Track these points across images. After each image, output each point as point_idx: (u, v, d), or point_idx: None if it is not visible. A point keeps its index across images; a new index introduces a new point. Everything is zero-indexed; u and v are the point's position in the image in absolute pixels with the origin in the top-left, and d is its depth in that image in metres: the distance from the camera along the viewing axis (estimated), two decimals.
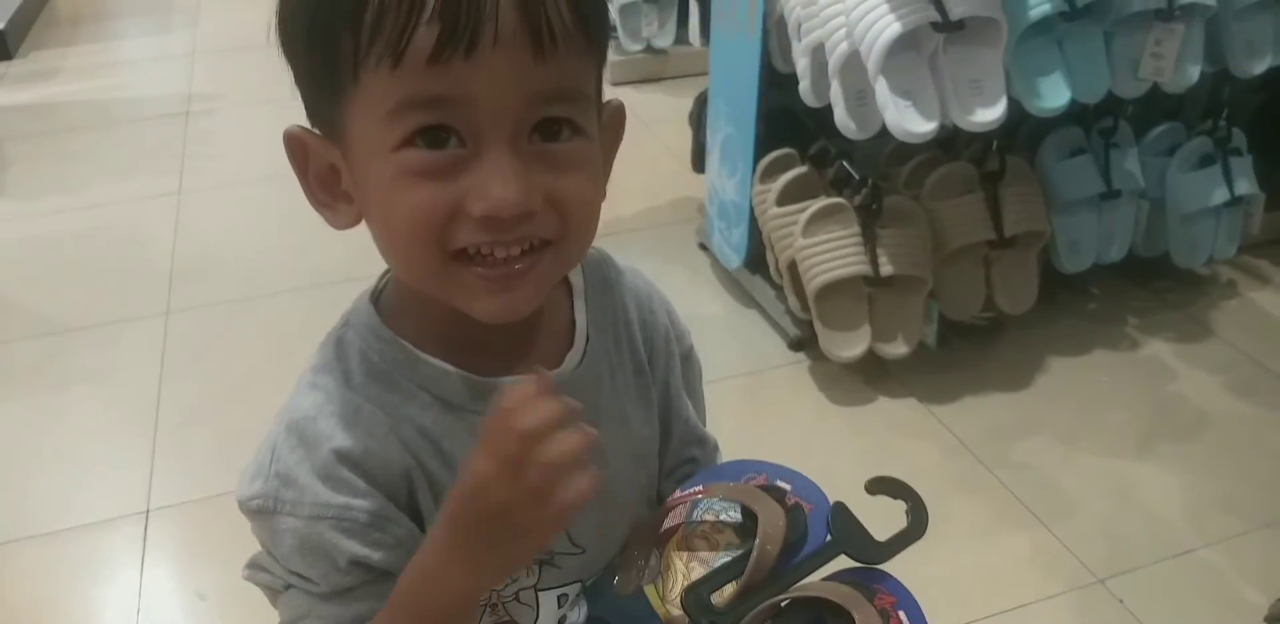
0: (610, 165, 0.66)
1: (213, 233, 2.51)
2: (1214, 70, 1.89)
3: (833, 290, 1.83)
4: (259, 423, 0.69)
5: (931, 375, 1.92)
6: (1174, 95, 1.91)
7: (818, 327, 1.87)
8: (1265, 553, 1.55)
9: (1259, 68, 1.87)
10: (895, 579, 0.70)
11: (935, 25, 1.62)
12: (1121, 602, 1.47)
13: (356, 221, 0.62)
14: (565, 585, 0.74)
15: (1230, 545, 1.56)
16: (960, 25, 1.62)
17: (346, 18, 0.54)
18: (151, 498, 1.68)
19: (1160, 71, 1.80)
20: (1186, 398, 1.88)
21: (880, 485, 0.73)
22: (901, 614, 0.67)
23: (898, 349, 1.86)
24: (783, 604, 0.68)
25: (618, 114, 0.66)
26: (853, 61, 1.67)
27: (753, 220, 2.04)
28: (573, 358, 0.70)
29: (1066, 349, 2.00)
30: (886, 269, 1.81)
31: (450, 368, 0.65)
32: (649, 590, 0.71)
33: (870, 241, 1.81)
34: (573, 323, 0.72)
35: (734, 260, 2.16)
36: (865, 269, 1.81)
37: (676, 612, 0.69)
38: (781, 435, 1.81)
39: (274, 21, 0.59)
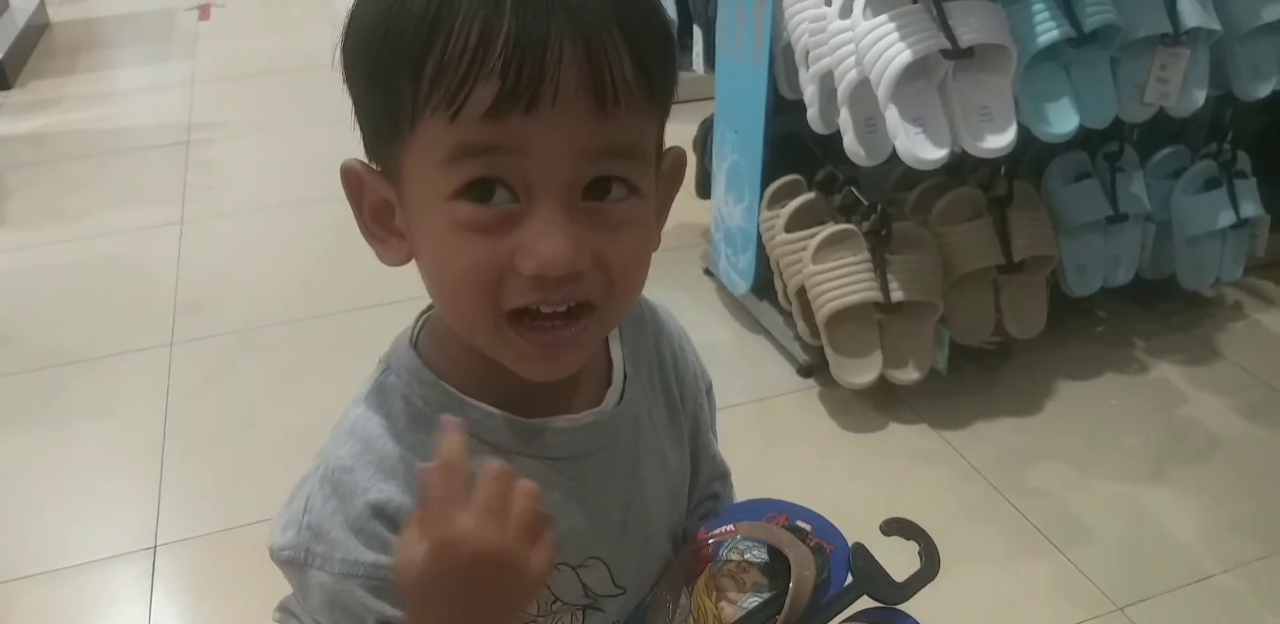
0: (666, 214, 0.65)
1: (216, 263, 2.50)
2: (1218, 94, 1.90)
3: (843, 316, 1.83)
4: (266, 456, 0.68)
5: (942, 401, 1.91)
6: (1178, 119, 1.92)
7: (829, 353, 1.86)
8: None
9: (1263, 91, 1.88)
10: (914, 620, 0.71)
11: (945, 53, 1.62)
12: None
13: (408, 260, 0.61)
14: None
15: (1248, 571, 1.55)
16: (970, 52, 1.62)
17: (407, 67, 0.53)
18: (159, 533, 1.66)
19: (1166, 96, 1.81)
20: (1197, 421, 1.88)
21: (893, 527, 0.75)
22: None
23: (909, 375, 1.85)
24: None
25: (678, 162, 0.65)
26: (862, 89, 1.67)
27: (760, 246, 2.04)
28: (612, 396, 0.70)
29: (1076, 373, 1.99)
30: (897, 295, 1.80)
31: (495, 411, 0.64)
32: None
33: (880, 267, 1.81)
34: (610, 361, 0.71)
35: (741, 286, 2.16)
36: (876, 295, 1.80)
37: None
38: (793, 462, 1.80)
39: (338, 49, 0.58)
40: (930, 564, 0.71)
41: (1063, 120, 1.75)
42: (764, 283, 2.09)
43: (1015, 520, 1.65)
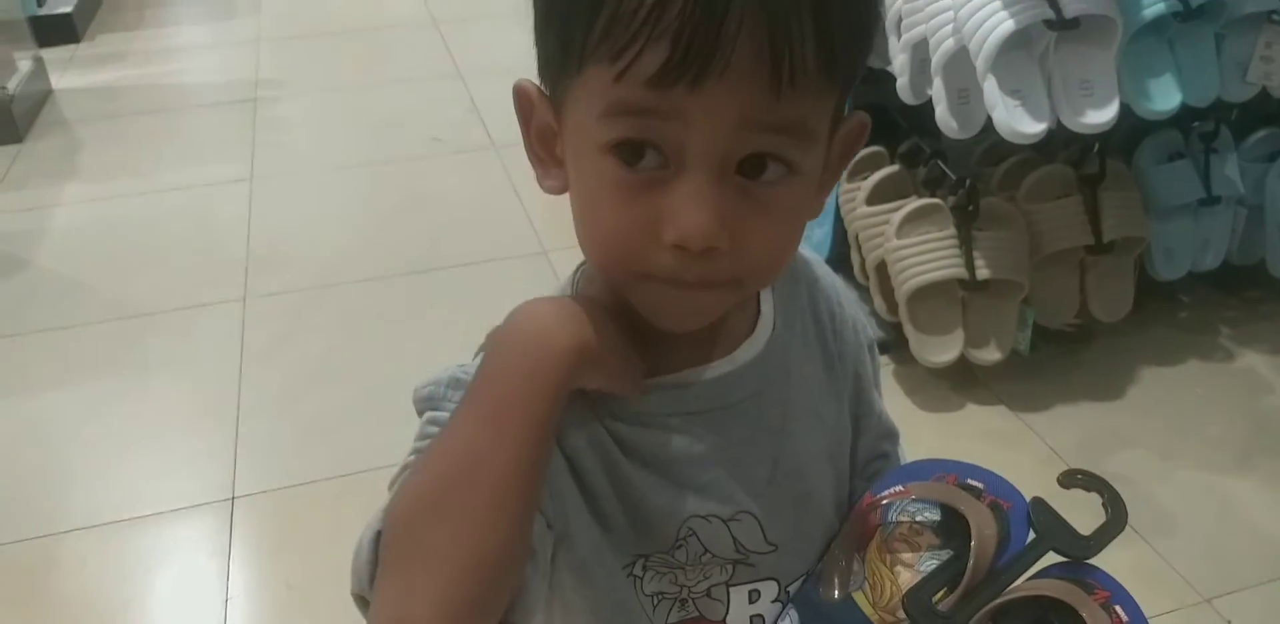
0: (836, 180, 0.63)
1: (286, 220, 2.50)
2: None
3: (926, 293, 1.79)
4: (339, 412, 0.67)
5: (1021, 383, 1.87)
6: (1273, 100, 1.85)
7: (909, 330, 1.83)
8: None
9: None
10: (1105, 572, 0.67)
11: (1049, 23, 1.57)
12: (1229, 623, 1.42)
13: (564, 189, 0.60)
14: (758, 581, 0.71)
15: None
16: (1075, 23, 1.57)
17: (582, 13, 0.52)
18: (236, 485, 1.67)
19: (1269, 75, 1.75)
20: None
21: (1074, 479, 0.71)
22: (1118, 608, 0.64)
23: (990, 355, 1.82)
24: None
25: (859, 127, 0.62)
26: (958, 58, 1.63)
27: (838, 219, 2.00)
28: (752, 347, 0.68)
29: (1159, 359, 1.95)
30: (983, 273, 1.76)
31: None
32: (858, 597, 0.68)
33: (966, 244, 1.77)
34: (758, 314, 0.69)
35: None
36: (961, 272, 1.77)
37: (892, 618, 0.66)
38: None
39: None
40: (1118, 515, 0.68)
41: (1165, 97, 1.70)
42: (839, 256, 2.05)
43: (1098, 508, 1.61)
